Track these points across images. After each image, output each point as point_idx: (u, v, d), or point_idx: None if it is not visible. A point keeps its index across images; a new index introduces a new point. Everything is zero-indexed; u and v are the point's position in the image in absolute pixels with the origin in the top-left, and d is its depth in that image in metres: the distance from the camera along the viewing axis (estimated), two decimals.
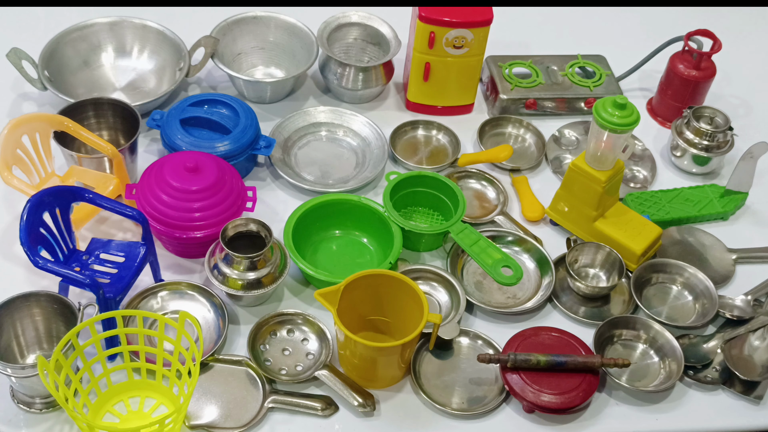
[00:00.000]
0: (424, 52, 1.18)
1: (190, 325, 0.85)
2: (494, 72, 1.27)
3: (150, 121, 1.12)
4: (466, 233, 1.03)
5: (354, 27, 1.29)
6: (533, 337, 0.94)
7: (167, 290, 0.99)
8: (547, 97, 1.25)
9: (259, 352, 0.94)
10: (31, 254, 0.87)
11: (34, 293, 0.89)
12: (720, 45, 1.21)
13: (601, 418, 0.93)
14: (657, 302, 1.04)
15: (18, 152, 0.99)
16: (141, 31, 1.26)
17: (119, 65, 1.26)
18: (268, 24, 1.29)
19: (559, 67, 1.29)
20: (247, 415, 0.89)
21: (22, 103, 1.21)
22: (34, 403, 0.87)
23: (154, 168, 1.01)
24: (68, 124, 1.02)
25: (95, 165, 1.04)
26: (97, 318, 0.85)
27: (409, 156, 1.19)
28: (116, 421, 0.88)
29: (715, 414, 0.95)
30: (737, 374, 0.95)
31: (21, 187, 0.97)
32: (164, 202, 0.98)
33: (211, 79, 1.28)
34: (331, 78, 1.23)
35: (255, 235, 0.97)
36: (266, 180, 1.14)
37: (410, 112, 1.26)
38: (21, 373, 0.83)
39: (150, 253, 0.96)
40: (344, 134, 1.21)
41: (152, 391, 0.90)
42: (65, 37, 1.22)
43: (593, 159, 1.03)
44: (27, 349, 0.91)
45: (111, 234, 1.04)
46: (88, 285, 0.88)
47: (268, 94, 1.23)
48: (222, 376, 0.92)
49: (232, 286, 0.95)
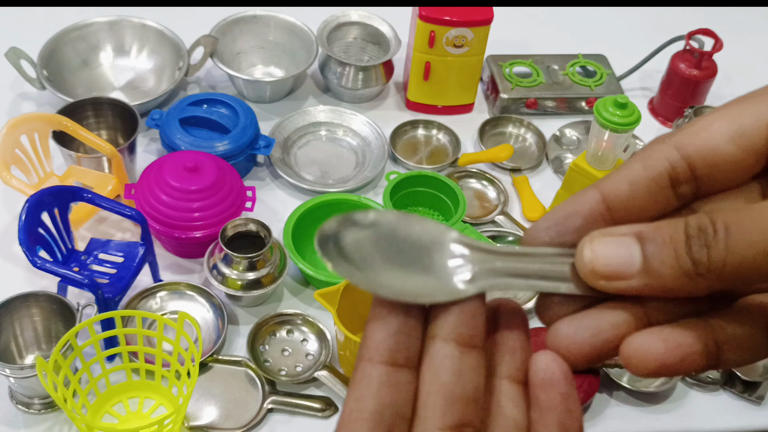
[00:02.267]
0: (425, 51, 1.17)
1: (189, 326, 0.85)
2: (495, 71, 1.27)
3: (149, 121, 1.11)
4: (466, 233, 1.03)
5: (354, 26, 1.28)
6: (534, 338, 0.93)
7: (166, 290, 0.98)
8: (548, 96, 1.25)
9: (258, 353, 0.94)
10: (30, 254, 0.86)
11: (32, 293, 0.89)
12: (721, 44, 1.21)
13: (602, 419, 0.92)
14: None
15: (17, 152, 0.99)
16: (140, 30, 1.26)
17: (118, 65, 1.26)
18: (267, 23, 1.28)
19: (560, 66, 1.29)
20: (246, 416, 0.89)
21: (21, 103, 1.20)
22: (32, 403, 0.87)
23: (153, 168, 1.01)
24: (67, 123, 1.02)
25: (94, 165, 1.04)
26: (96, 318, 0.84)
27: (409, 156, 1.19)
28: (115, 422, 0.87)
29: (716, 414, 0.94)
30: (738, 375, 0.95)
31: (20, 186, 0.97)
32: (163, 201, 0.98)
33: (210, 78, 1.27)
34: (331, 77, 1.23)
35: (254, 235, 0.97)
36: (266, 180, 1.14)
37: (410, 111, 1.26)
38: (20, 374, 0.83)
39: (149, 253, 0.96)
40: (344, 134, 1.21)
41: (151, 391, 0.90)
42: (64, 37, 1.22)
43: (594, 159, 1.03)
44: (26, 350, 0.91)
45: (110, 234, 1.04)
46: (87, 285, 0.88)
47: (268, 93, 1.23)
48: (221, 377, 0.92)
49: (232, 287, 0.94)
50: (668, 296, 0.32)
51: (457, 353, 0.32)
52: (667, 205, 0.34)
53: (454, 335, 0.33)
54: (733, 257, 0.30)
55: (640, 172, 0.34)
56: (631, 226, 0.32)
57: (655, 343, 0.32)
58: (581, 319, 0.33)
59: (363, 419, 0.31)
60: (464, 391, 0.32)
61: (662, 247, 0.31)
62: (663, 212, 0.34)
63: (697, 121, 0.34)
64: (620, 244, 0.32)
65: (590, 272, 0.32)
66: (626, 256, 0.31)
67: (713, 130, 0.33)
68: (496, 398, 0.34)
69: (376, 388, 0.32)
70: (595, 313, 0.33)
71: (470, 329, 0.33)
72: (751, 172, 0.34)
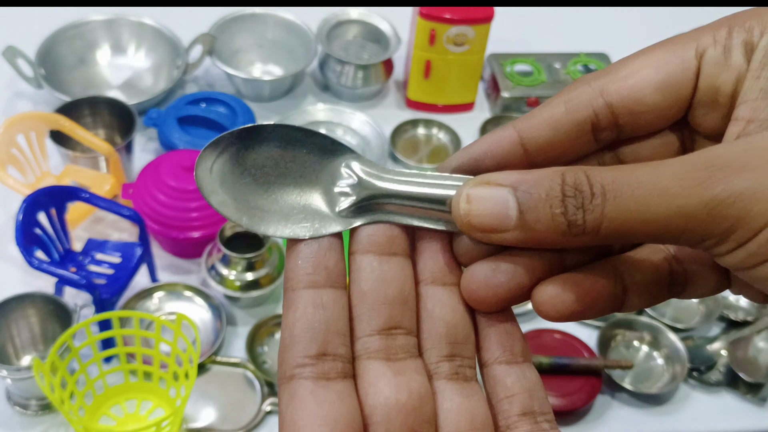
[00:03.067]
0: (425, 49, 1.17)
1: (187, 327, 0.84)
2: (496, 70, 1.26)
3: (147, 120, 1.11)
4: None
5: (353, 24, 1.28)
6: (536, 339, 0.93)
7: (164, 291, 0.97)
8: (550, 95, 1.24)
9: (257, 354, 0.93)
10: (27, 254, 0.86)
11: (29, 294, 0.88)
12: None
13: (604, 421, 0.92)
14: (660, 303, 1.03)
15: (13, 151, 0.98)
16: (137, 28, 1.25)
17: (115, 63, 1.25)
18: (266, 21, 1.27)
19: (562, 64, 1.28)
20: (245, 418, 0.88)
21: (18, 102, 1.19)
22: (29, 405, 0.87)
23: (150, 167, 1.00)
24: (64, 122, 1.01)
25: (91, 164, 1.03)
26: (93, 319, 0.84)
27: (410, 155, 1.18)
28: (113, 424, 0.87)
29: (720, 416, 0.94)
30: (742, 376, 0.94)
31: (16, 186, 0.96)
32: (161, 201, 0.97)
33: (208, 77, 1.26)
34: (330, 76, 1.22)
35: (253, 236, 0.96)
36: None
37: (410, 110, 1.25)
38: (16, 375, 0.82)
39: (146, 253, 0.95)
40: (343, 133, 1.20)
41: (149, 393, 0.89)
42: (61, 35, 1.21)
43: None
44: (22, 351, 0.90)
45: (107, 234, 1.03)
46: (84, 286, 0.87)
47: (267, 92, 1.22)
48: (219, 379, 0.91)
49: (230, 287, 0.94)
50: (547, 248, 0.32)
51: (375, 262, 0.33)
52: (586, 149, 0.34)
53: (371, 247, 0.33)
54: (609, 222, 0.30)
55: (562, 116, 0.33)
56: (510, 175, 0.31)
57: (567, 291, 0.32)
58: (498, 262, 0.33)
59: (295, 342, 0.32)
60: (388, 295, 0.33)
61: (537, 203, 0.30)
62: (581, 155, 0.35)
63: (623, 64, 0.34)
64: (497, 196, 0.31)
65: (466, 225, 0.32)
66: (502, 210, 0.31)
67: (640, 78, 0.33)
68: (423, 303, 0.34)
69: (300, 311, 0.32)
70: (511, 256, 0.33)
71: (386, 238, 0.34)
72: (673, 119, 0.34)
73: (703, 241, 0.29)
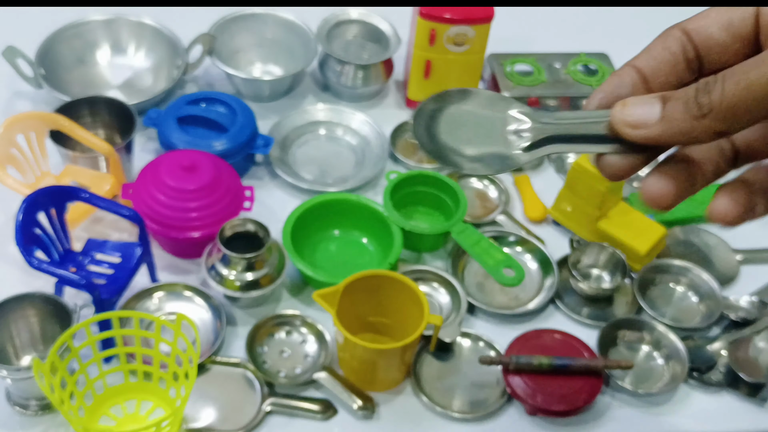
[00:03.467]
0: (425, 49, 1.16)
1: (187, 327, 0.84)
2: (496, 69, 1.26)
3: (146, 120, 1.10)
4: (467, 233, 1.02)
5: (353, 24, 1.28)
6: (535, 339, 0.93)
7: (164, 291, 0.97)
8: (550, 95, 1.24)
9: (257, 354, 0.93)
10: (27, 254, 0.86)
11: (29, 294, 0.88)
12: None
13: (604, 421, 0.92)
14: (661, 303, 1.03)
15: (13, 151, 0.98)
16: (137, 28, 1.25)
17: (115, 63, 1.25)
18: (266, 21, 1.27)
19: (562, 64, 1.28)
20: (244, 418, 0.88)
21: (18, 102, 1.19)
22: (29, 405, 0.87)
23: (150, 167, 1.00)
24: (64, 122, 1.01)
25: (91, 164, 1.03)
26: (93, 319, 0.84)
27: (410, 155, 1.18)
28: (112, 424, 0.87)
29: (720, 416, 0.94)
30: (742, 376, 0.94)
31: (16, 186, 0.96)
32: (160, 201, 0.97)
33: (208, 76, 1.26)
34: (330, 76, 1.22)
35: (253, 236, 0.96)
36: (264, 179, 1.13)
37: (410, 110, 1.25)
38: (16, 375, 0.82)
39: (146, 253, 0.95)
40: (343, 133, 1.20)
41: (149, 393, 0.89)
42: (61, 35, 1.21)
43: None
44: (22, 351, 0.90)
45: (107, 234, 1.03)
46: (84, 286, 0.87)
47: (266, 92, 1.22)
48: (219, 379, 0.91)
49: (230, 287, 0.94)
50: (681, 141, 0.42)
51: None
52: (685, 78, 0.46)
53: None
54: (727, 97, 0.39)
55: (661, 52, 0.46)
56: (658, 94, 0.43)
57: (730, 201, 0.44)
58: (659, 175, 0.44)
59: None
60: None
61: (677, 101, 0.41)
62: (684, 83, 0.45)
63: (701, 13, 0.45)
64: (646, 101, 0.42)
65: (619, 121, 0.42)
66: (649, 110, 0.42)
67: (709, 18, 0.45)
68: None
69: None
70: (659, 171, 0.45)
71: None
72: (742, 54, 0.44)
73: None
